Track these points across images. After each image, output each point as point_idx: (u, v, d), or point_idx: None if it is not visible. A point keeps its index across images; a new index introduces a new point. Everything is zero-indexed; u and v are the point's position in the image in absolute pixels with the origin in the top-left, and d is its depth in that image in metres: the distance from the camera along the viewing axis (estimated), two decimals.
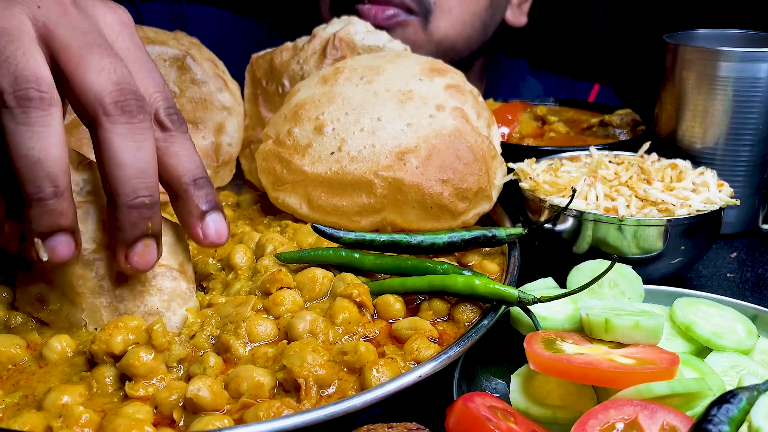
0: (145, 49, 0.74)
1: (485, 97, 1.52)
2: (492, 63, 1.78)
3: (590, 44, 1.94)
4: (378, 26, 1.38)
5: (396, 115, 0.95)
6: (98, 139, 0.66)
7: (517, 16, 1.64)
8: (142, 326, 0.68)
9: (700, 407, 0.60)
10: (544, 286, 0.83)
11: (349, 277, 0.79)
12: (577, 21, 1.95)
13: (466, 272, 0.79)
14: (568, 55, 1.96)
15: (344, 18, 1.18)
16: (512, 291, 0.73)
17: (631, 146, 1.13)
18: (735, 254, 1.08)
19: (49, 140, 0.62)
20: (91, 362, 0.69)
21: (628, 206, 0.89)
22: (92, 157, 1.08)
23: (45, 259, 0.68)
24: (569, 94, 1.79)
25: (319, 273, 0.79)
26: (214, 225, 0.75)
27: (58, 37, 0.65)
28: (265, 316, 0.75)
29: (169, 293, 0.75)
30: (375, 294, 0.79)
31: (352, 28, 1.14)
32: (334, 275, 0.81)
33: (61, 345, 0.70)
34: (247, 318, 0.73)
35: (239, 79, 1.21)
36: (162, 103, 0.71)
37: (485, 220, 1.00)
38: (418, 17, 1.42)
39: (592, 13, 1.91)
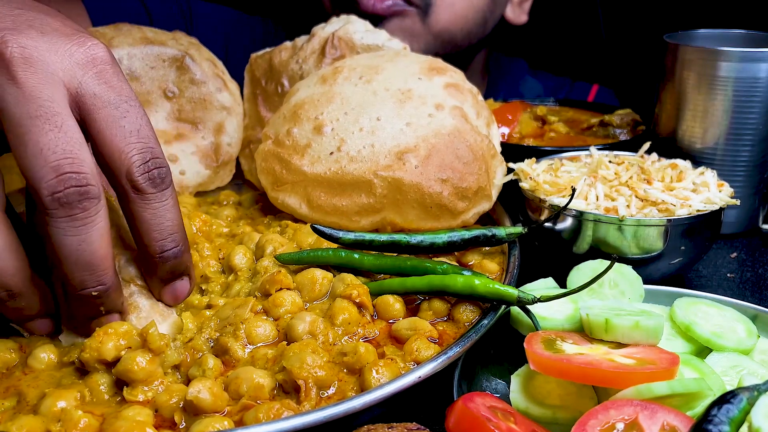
0: (120, 82, 0.66)
1: (486, 96, 1.52)
2: (492, 63, 1.78)
3: (590, 44, 1.94)
4: (375, 14, 1.37)
5: (395, 114, 0.95)
6: (43, 227, 0.62)
7: (517, 14, 1.64)
8: (132, 331, 0.68)
9: (700, 407, 0.60)
10: (544, 286, 0.83)
11: (349, 277, 0.79)
12: (576, 21, 1.95)
13: (465, 272, 0.79)
14: (567, 55, 1.96)
15: (343, 17, 1.18)
16: (512, 291, 0.73)
17: (631, 146, 1.13)
18: (735, 254, 1.08)
19: None
20: (81, 371, 0.68)
21: (628, 206, 0.89)
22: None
23: (27, 336, 0.71)
24: (568, 94, 1.79)
25: (319, 274, 0.79)
26: (173, 292, 0.74)
27: (4, 110, 0.60)
28: (264, 317, 0.75)
29: (147, 311, 0.74)
30: (375, 294, 0.79)
31: (351, 27, 1.14)
32: (334, 276, 0.81)
33: (47, 355, 0.69)
34: (246, 320, 0.73)
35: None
36: (137, 159, 0.64)
37: (485, 220, 1.00)
38: (418, 9, 1.41)
39: (591, 13, 1.91)
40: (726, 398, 0.56)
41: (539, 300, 0.72)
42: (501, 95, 1.66)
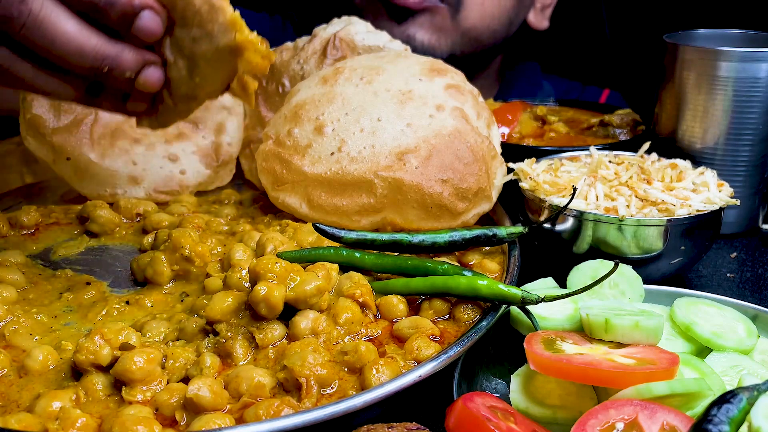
0: None
1: (498, 99, 1.53)
2: (506, 65, 1.79)
3: (597, 47, 1.94)
4: (407, 8, 1.41)
5: (396, 115, 0.95)
6: None
7: (539, 19, 1.66)
8: (128, 329, 0.68)
9: (700, 407, 0.60)
10: (544, 286, 0.83)
11: (357, 275, 0.79)
12: (582, 22, 1.95)
13: (467, 272, 0.79)
14: (578, 59, 1.96)
15: (345, 18, 1.18)
16: (515, 291, 0.73)
17: (631, 146, 1.13)
18: (735, 254, 1.08)
19: None
20: (75, 371, 0.68)
21: (628, 206, 0.89)
22: (89, 153, 1.08)
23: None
24: (579, 98, 1.79)
25: (327, 266, 0.79)
26: (143, 80, 0.74)
27: None
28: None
29: None
30: (379, 293, 0.79)
31: (353, 28, 1.14)
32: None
33: (43, 355, 0.69)
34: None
35: None
36: None
37: (485, 220, 1.00)
38: (449, 6, 1.44)
39: (596, 14, 1.91)
40: (726, 398, 0.56)
41: (543, 300, 0.72)
42: (513, 98, 1.67)
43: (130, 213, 1.04)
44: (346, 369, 0.69)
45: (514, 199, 1.00)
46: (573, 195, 0.85)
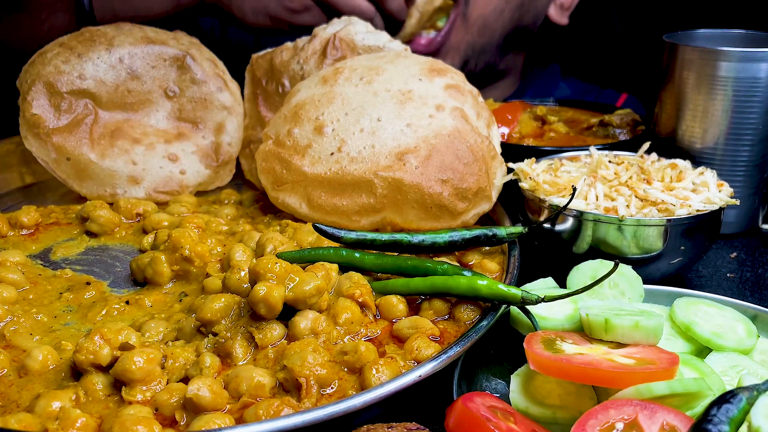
0: None
1: (516, 98, 1.53)
2: (529, 65, 1.79)
3: (615, 52, 1.94)
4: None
5: (396, 115, 0.95)
6: None
7: (559, 15, 1.68)
8: (128, 330, 0.68)
9: (700, 407, 0.60)
10: (544, 286, 0.83)
11: (356, 275, 0.79)
12: (599, 26, 1.95)
13: (466, 273, 0.79)
14: (597, 63, 1.97)
15: (344, 18, 1.18)
16: (515, 291, 0.73)
17: (631, 146, 1.13)
18: (735, 254, 1.08)
19: None
20: (75, 371, 0.68)
21: (627, 206, 0.89)
22: (88, 153, 1.08)
23: None
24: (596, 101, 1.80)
25: (327, 266, 0.79)
26: None
27: None
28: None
29: None
30: (379, 294, 0.79)
31: (353, 28, 1.14)
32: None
33: (43, 355, 0.69)
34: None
35: None
36: None
37: (485, 220, 1.00)
38: (457, 4, 1.48)
39: (608, 17, 1.91)
40: (725, 398, 0.56)
41: (543, 300, 0.72)
42: (530, 97, 1.67)
43: (130, 213, 1.04)
44: (346, 369, 0.69)
45: (514, 199, 1.00)
46: (573, 195, 0.85)
